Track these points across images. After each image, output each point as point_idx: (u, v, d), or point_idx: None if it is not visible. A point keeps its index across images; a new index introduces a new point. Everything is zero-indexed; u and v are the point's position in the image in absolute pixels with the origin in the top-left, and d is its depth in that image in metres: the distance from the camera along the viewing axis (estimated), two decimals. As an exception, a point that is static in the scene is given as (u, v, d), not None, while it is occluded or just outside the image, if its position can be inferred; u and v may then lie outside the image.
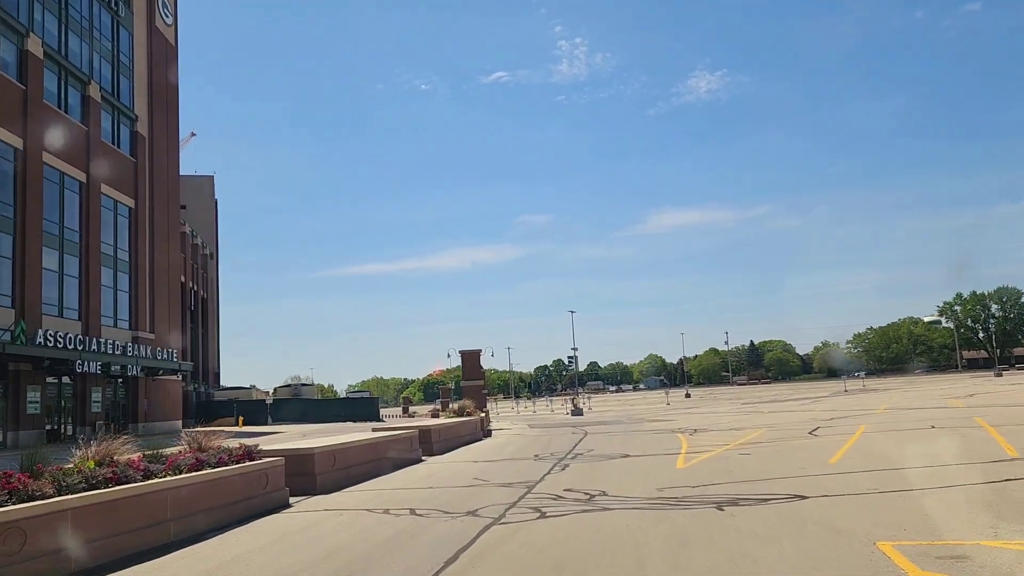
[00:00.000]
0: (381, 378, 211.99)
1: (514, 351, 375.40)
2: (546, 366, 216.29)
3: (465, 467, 17.87)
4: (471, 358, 35.42)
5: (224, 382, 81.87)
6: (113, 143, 49.03)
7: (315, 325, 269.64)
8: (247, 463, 12.09)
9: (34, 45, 40.95)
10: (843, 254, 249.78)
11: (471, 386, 35.80)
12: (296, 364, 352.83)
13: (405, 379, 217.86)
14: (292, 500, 13.20)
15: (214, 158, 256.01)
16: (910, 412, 29.25)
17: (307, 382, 68.45)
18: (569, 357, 67.37)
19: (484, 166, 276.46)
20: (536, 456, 19.51)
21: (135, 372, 45.73)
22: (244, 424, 61.38)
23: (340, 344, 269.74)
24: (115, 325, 47.74)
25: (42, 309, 40.36)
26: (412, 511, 11.41)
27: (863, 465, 13.68)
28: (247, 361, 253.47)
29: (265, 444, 14.77)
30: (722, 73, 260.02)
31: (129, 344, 46.82)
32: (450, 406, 33.32)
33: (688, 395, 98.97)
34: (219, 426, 64.29)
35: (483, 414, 31.11)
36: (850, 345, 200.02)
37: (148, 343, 49.80)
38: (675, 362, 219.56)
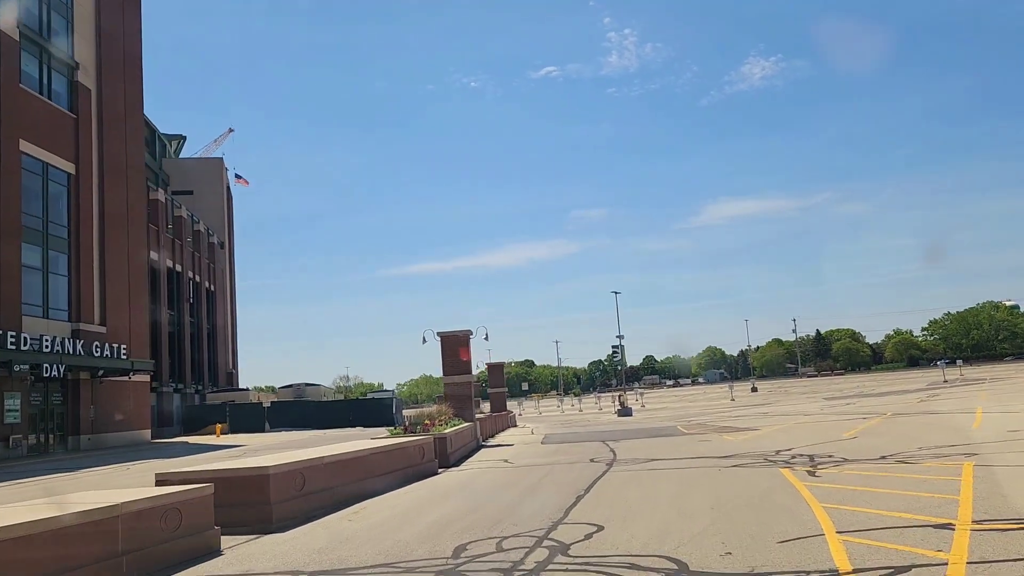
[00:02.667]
0: (431, 376, 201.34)
1: (572, 346, 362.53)
2: (600, 361, 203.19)
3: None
4: (453, 343, 23.63)
5: (261, 383, 71.37)
6: (40, 93, 38.84)
7: (371, 324, 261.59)
8: None
9: (-100, -46, 30.83)
10: (911, 239, 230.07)
11: (457, 384, 24.04)
12: (344, 363, 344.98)
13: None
14: None
15: (265, 161, 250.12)
16: None
17: (313, 382, 57.86)
18: (614, 347, 55.13)
19: (536, 161, 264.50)
20: (452, 559, 7.65)
21: (55, 372, 35.29)
22: (231, 432, 51.13)
23: (393, 343, 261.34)
24: (45, 315, 37.52)
25: (-83, 293, 30.25)
26: None
27: None
28: (294, 361, 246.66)
29: None
30: (777, 58, 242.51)
31: (65, 339, 36.55)
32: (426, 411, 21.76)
33: (755, 388, 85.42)
34: (206, 434, 53.96)
35: (455, 428, 19.36)
36: (926, 332, 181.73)
37: (95, 338, 39.51)
38: (735, 354, 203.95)
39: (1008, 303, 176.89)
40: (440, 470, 15.96)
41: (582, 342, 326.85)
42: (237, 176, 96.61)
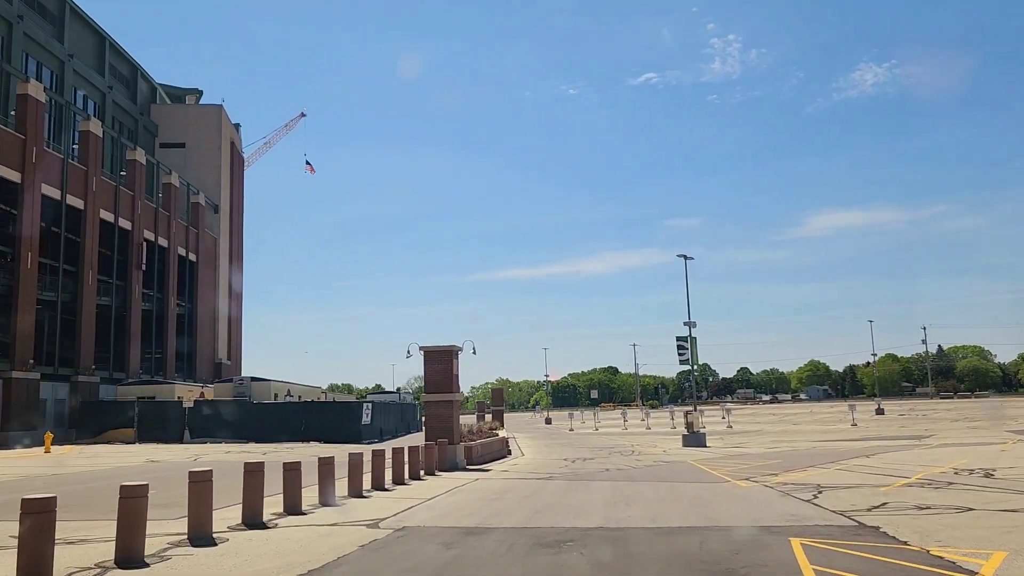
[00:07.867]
0: (508, 380, 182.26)
1: (662, 353, 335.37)
2: (690, 370, 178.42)
3: None
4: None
5: (314, 382, 53.85)
6: None
7: (462, 328, 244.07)
8: None
9: None
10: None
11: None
12: (415, 368, 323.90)
13: (539, 382, 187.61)
14: None
15: (367, 164, 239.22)
16: None
17: (263, 377, 40.22)
18: (679, 338, 34.50)
19: (632, 169, 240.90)
20: None
21: None
22: (139, 441, 34.22)
23: (484, 346, 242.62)
24: None
25: None
26: None
27: None
28: (374, 363, 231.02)
29: None
30: (890, 64, 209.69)
31: None
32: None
33: (880, 410, 61.96)
34: (100, 442, 34.47)
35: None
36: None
37: None
38: (841, 370, 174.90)
39: None
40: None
41: (673, 348, 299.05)
42: (307, 163, 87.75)
